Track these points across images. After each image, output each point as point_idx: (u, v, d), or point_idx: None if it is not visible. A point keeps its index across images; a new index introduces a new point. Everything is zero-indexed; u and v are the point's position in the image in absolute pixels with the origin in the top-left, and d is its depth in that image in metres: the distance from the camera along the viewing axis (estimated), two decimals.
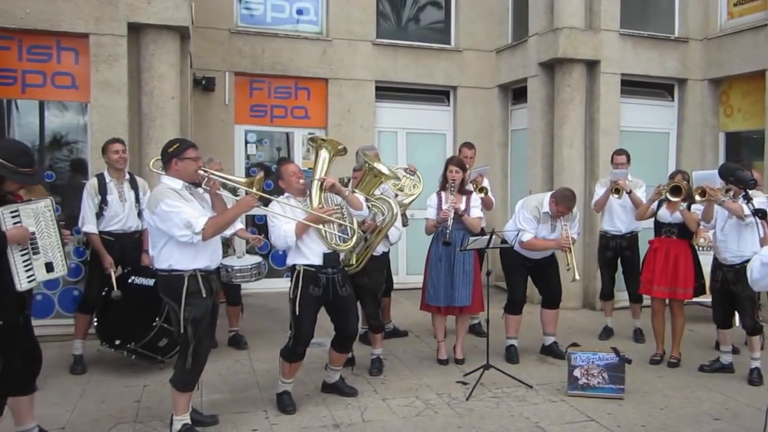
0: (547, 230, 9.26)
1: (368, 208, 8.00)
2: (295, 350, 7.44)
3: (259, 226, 13.61)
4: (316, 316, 7.49)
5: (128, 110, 10.44)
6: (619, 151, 10.68)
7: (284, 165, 7.67)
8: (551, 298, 9.75)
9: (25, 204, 6.05)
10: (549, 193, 9.49)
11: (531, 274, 9.66)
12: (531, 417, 7.51)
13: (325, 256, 7.36)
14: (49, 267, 6.15)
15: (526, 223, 9.26)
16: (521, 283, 9.64)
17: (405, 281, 14.03)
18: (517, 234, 9.09)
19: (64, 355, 9.18)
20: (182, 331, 6.50)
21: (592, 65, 13.09)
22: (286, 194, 7.53)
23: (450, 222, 8.88)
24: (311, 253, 7.34)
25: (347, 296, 7.60)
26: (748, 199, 5.70)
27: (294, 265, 7.41)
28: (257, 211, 10.61)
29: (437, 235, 9.26)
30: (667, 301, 9.48)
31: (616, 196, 10.16)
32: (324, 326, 7.86)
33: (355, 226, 7.66)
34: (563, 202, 9.10)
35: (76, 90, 10.45)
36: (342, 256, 7.78)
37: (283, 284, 12.74)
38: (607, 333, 10.87)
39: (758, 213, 5.40)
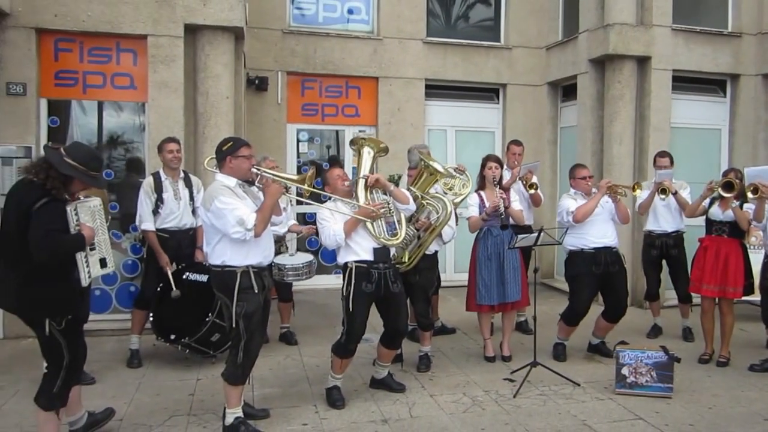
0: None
1: (421, 204, 8.15)
2: (347, 347, 7.51)
3: (309, 223, 13.64)
4: (368, 313, 7.55)
5: (184, 110, 10.65)
6: (662, 153, 10.56)
7: (330, 171, 7.75)
8: (615, 311, 9.43)
9: (81, 202, 6.18)
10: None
11: (599, 284, 9.35)
12: (578, 415, 7.48)
13: (376, 251, 7.45)
14: (103, 263, 6.32)
15: (566, 202, 9.31)
16: (586, 293, 9.30)
17: (452, 279, 14.04)
18: (566, 231, 9.06)
19: (121, 349, 9.47)
20: (234, 325, 6.61)
21: (642, 61, 12.98)
22: (333, 198, 7.62)
23: (502, 209, 8.89)
24: (361, 249, 7.44)
25: (398, 292, 7.66)
26: None
27: (346, 263, 7.48)
28: (308, 208, 10.72)
29: (483, 234, 9.28)
30: (716, 300, 9.36)
31: (663, 196, 10.01)
32: (372, 322, 7.83)
33: (404, 221, 7.70)
34: (575, 169, 9.49)
35: (134, 90, 10.70)
36: (393, 251, 7.82)
37: (332, 281, 12.93)
38: (655, 332, 10.77)
39: None
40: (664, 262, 10.71)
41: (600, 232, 9.20)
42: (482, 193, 9.32)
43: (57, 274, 5.88)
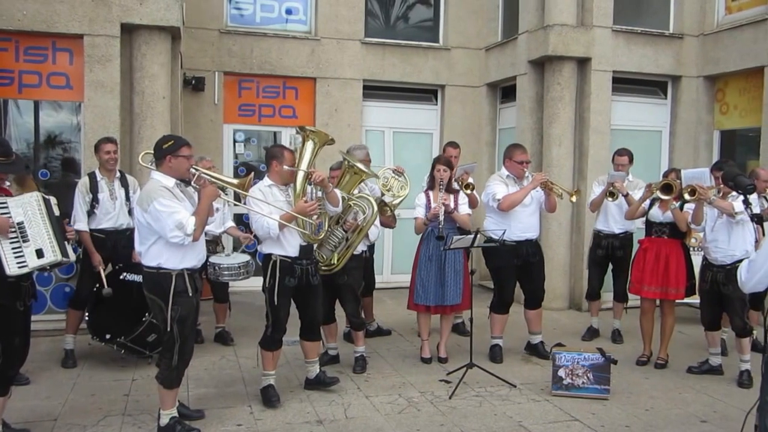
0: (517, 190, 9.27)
1: (348, 205, 8.21)
2: (274, 337, 7.58)
3: (247, 224, 13.47)
4: (290, 304, 7.62)
5: (120, 110, 10.56)
6: (621, 151, 10.48)
7: (288, 151, 7.71)
8: (534, 298, 9.64)
9: (13, 198, 6.42)
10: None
11: (518, 273, 9.51)
12: (514, 416, 7.47)
13: (302, 248, 7.52)
14: (39, 253, 6.40)
15: (495, 186, 9.30)
16: (510, 283, 9.53)
17: (390, 280, 14.04)
18: (503, 233, 8.95)
19: (56, 349, 9.37)
20: (169, 329, 6.53)
21: (583, 62, 12.94)
22: (269, 182, 7.57)
23: (441, 218, 8.81)
24: (288, 245, 7.51)
25: (317, 284, 7.76)
26: (747, 204, 5.62)
27: (270, 255, 7.50)
28: (243, 209, 10.55)
29: (426, 234, 9.24)
30: (657, 301, 9.38)
31: (611, 198, 9.97)
32: (297, 325, 7.95)
33: (325, 221, 7.86)
34: (515, 150, 9.43)
35: (71, 90, 10.59)
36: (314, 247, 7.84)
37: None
38: (591, 334, 10.75)
39: (755, 218, 5.34)
40: (610, 262, 10.68)
41: (525, 226, 9.33)
42: (431, 193, 9.26)
43: None
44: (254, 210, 7.33)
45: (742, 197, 5.96)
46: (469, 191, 9.81)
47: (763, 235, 9.31)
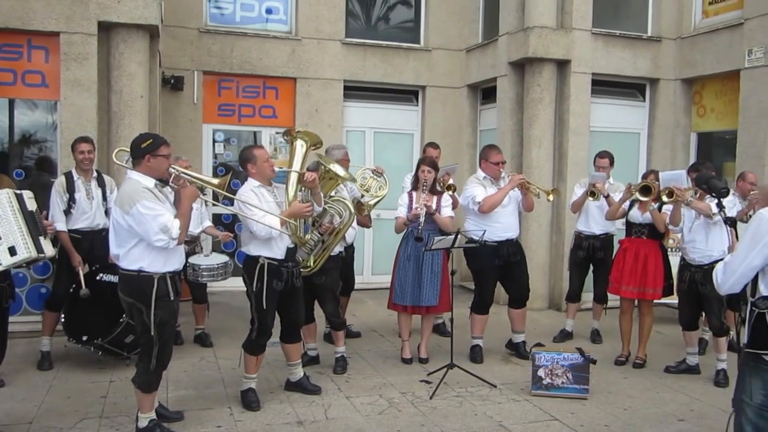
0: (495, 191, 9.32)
1: (324, 209, 8.08)
2: (259, 341, 7.50)
3: (225, 224, 13.49)
4: (276, 308, 7.57)
5: (97, 109, 10.47)
6: (602, 154, 10.56)
7: (257, 150, 7.61)
8: (518, 297, 9.68)
9: None
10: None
11: (500, 274, 9.55)
12: (494, 416, 7.49)
13: (288, 250, 7.45)
14: (12, 251, 6.46)
15: (474, 189, 9.35)
16: (491, 284, 9.58)
17: (370, 281, 14.00)
18: (483, 233, 8.98)
19: (31, 351, 9.24)
20: (150, 333, 6.41)
21: (562, 65, 13.02)
22: (256, 183, 7.47)
23: (422, 219, 8.83)
24: (276, 247, 7.40)
25: (299, 287, 7.72)
26: (721, 207, 5.68)
27: (257, 258, 7.39)
28: (225, 209, 10.58)
29: (407, 234, 9.26)
30: (636, 301, 9.45)
31: (592, 199, 10.01)
32: (277, 327, 7.86)
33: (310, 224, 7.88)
34: (490, 151, 9.49)
35: (46, 88, 10.47)
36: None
37: None
38: (563, 336, 10.77)
39: (728, 221, 5.39)
40: (591, 263, 10.74)
41: (505, 226, 9.38)
42: (414, 193, 9.28)
43: None
44: (250, 211, 7.22)
45: (716, 200, 6.01)
46: (450, 192, 9.87)
47: (737, 238, 9.38)
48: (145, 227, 6.18)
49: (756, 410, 4.57)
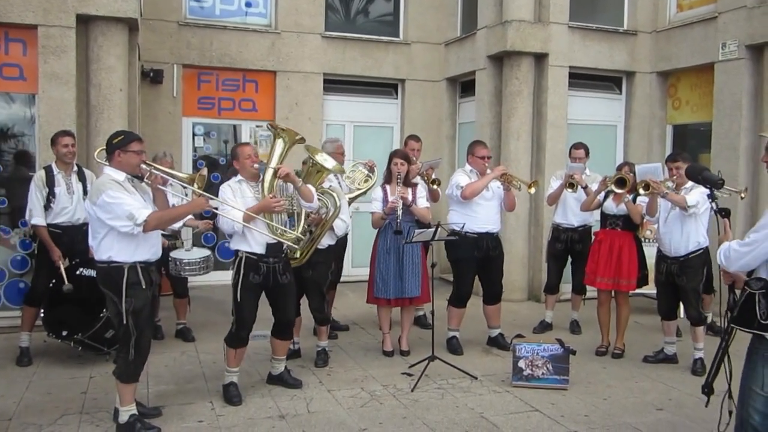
0: None
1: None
2: (239, 335, 7.51)
3: (205, 218, 13.45)
4: (257, 302, 7.57)
5: (76, 102, 10.38)
6: (578, 145, 10.66)
7: (241, 147, 7.71)
8: (493, 294, 9.76)
9: None
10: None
11: (479, 266, 9.60)
12: (475, 408, 7.53)
13: (269, 245, 7.42)
14: None
15: (459, 177, 9.47)
16: (469, 277, 9.63)
17: (350, 274, 13.92)
18: (463, 226, 9.10)
19: (10, 347, 9.19)
20: (124, 322, 6.48)
21: (540, 58, 13.10)
22: (238, 178, 7.55)
23: (399, 212, 8.85)
24: (255, 242, 7.40)
25: (287, 283, 7.68)
26: (713, 199, 5.74)
27: (237, 251, 7.47)
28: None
29: (384, 228, 9.27)
30: (612, 292, 9.53)
31: (570, 190, 10.06)
32: (266, 318, 7.87)
33: (303, 218, 7.77)
34: (476, 146, 9.61)
35: (24, 81, 10.36)
36: (285, 245, 7.73)
37: (229, 277, 12.73)
38: (543, 327, 10.85)
39: (721, 212, 5.45)
40: (569, 255, 10.82)
41: (486, 217, 9.43)
42: (387, 187, 9.28)
43: None
44: (221, 206, 7.26)
45: (707, 191, 6.04)
46: (435, 186, 9.94)
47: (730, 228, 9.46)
48: (110, 215, 6.32)
49: (767, 400, 4.63)
